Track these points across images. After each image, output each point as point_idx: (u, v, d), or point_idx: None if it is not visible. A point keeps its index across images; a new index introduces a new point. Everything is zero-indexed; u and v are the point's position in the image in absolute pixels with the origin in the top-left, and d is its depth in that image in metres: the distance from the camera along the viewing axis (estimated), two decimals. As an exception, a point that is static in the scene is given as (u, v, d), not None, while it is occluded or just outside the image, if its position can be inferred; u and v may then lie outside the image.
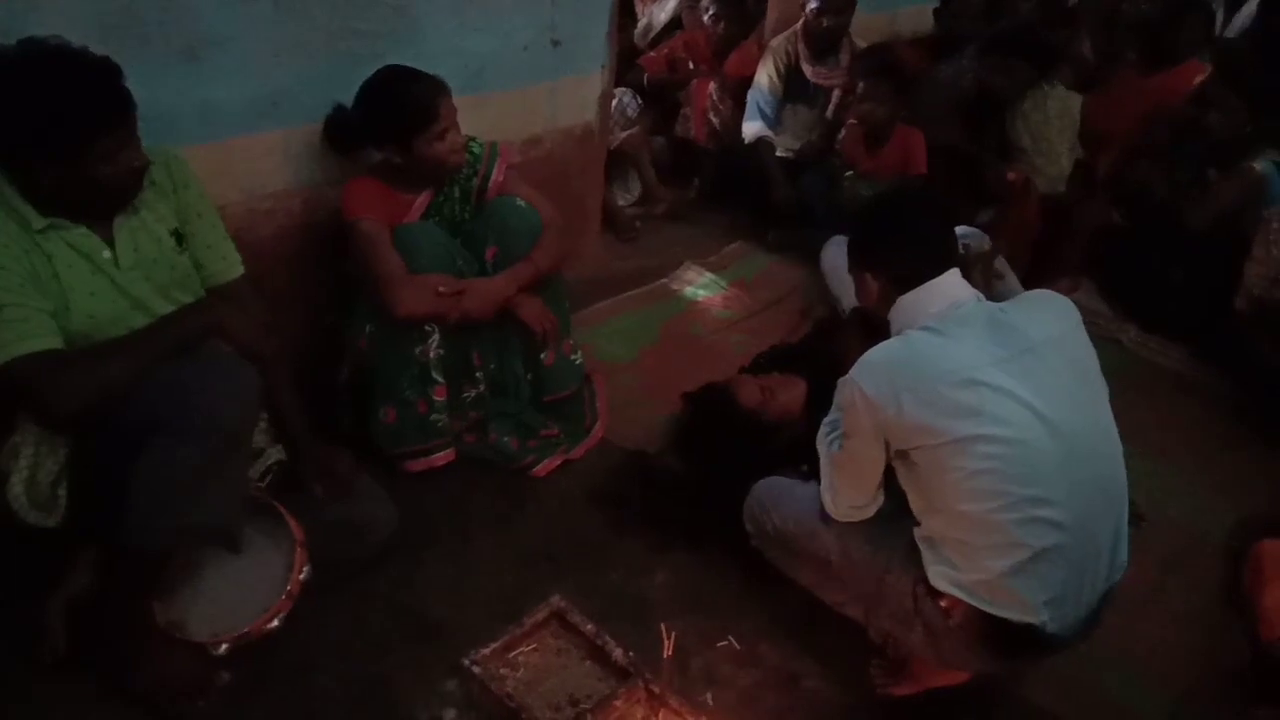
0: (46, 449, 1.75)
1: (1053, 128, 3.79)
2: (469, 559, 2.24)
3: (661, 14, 4.44)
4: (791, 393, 2.50)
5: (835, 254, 3.12)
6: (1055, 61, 3.86)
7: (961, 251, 3.04)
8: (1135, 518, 1.98)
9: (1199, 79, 3.80)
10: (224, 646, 1.79)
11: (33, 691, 1.81)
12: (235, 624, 1.81)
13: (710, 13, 4.14)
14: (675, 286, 3.52)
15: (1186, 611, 2.33)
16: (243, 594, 1.86)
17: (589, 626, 1.88)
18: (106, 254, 1.76)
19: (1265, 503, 2.70)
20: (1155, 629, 2.24)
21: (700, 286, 3.52)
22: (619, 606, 2.12)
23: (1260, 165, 3.33)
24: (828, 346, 2.98)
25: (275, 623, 1.83)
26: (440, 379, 2.37)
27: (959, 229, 3.03)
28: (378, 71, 2.28)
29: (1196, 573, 2.46)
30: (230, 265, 1.97)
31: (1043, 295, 1.93)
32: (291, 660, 1.91)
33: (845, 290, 2.78)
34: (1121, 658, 2.13)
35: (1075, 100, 3.83)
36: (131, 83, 1.67)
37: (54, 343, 1.66)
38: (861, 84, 3.54)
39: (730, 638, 2.09)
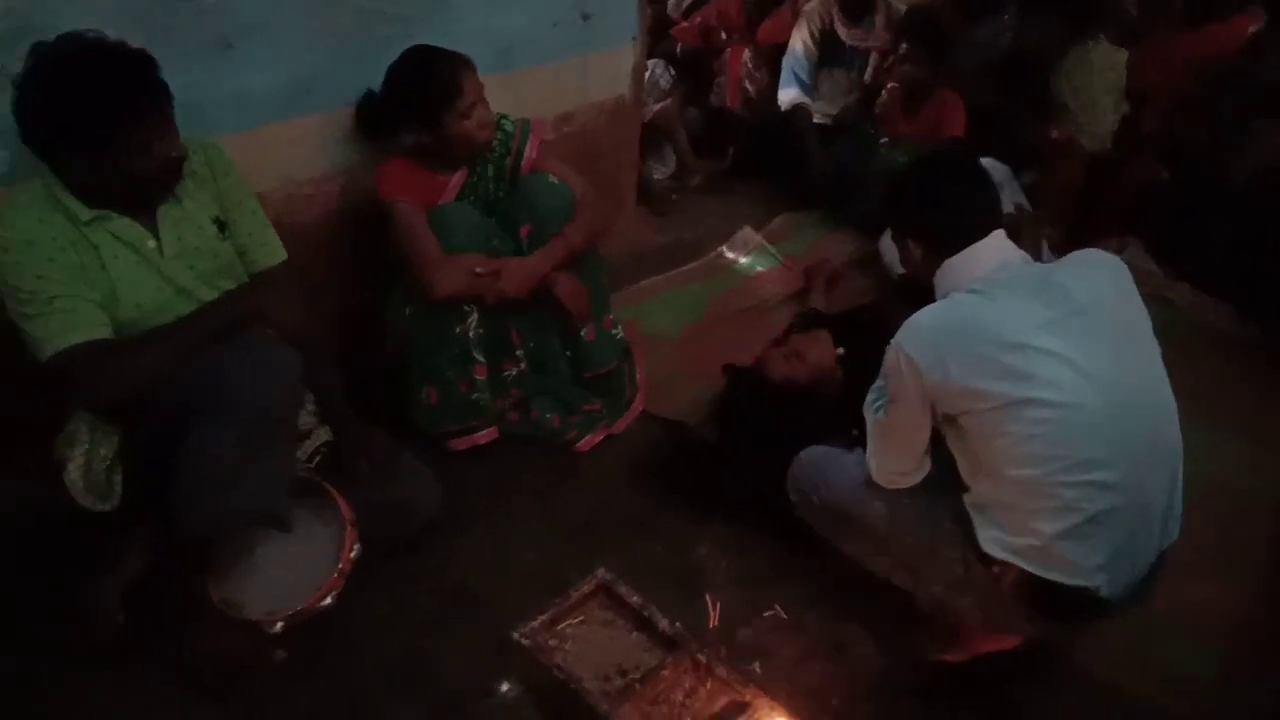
0: (101, 436, 1.79)
1: (1096, 85, 3.70)
2: (513, 534, 2.27)
3: (694, -17, 4.40)
4: (817, 349, 2.43)
5: None
6: (1097, 17, 3.75)
7: (1013, 212, 3.00)
8: None
9: (1252, 29, 3.68)
10: (279, 624, 1.82)
11: (93, 670, 1.86)
12: (289, 602, 1.84)
13: (743, -20, 4.10)
14: (730, 256, 3.50)
15: (1239, 572, 2.29)
16: (296, 573, 1.89)
17: (635, 598, 1.89)
18: (151, 244, 1.79)
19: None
20: (1207, 591, 2.20)
21: (755, 257, 3.49)
22: (664, 578, 2.13)
23: None
24: (865, 312, 2.95)
25: (328, 600, 1.86)
26: (481, 358, 2.39)
27: (995, 170, 2.98)
28: (403, 53, 2.29)
29: (1249, 533, 2.41)
30: (273, 251, 1.99)
31: (1092, 255, 1.89)
32: (342, 636, 1.95)
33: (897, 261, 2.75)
34: (1172, 620, 2.10)
35: (1120, 56, 3.73)
36: (166, 73, 1.69)
37: (102, 332, 1.70)
38: (904, 45, 3.48)
39: (776, 607, 2.09)
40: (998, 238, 1.83)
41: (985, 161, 3.02)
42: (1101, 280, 1.81)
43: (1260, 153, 3.34)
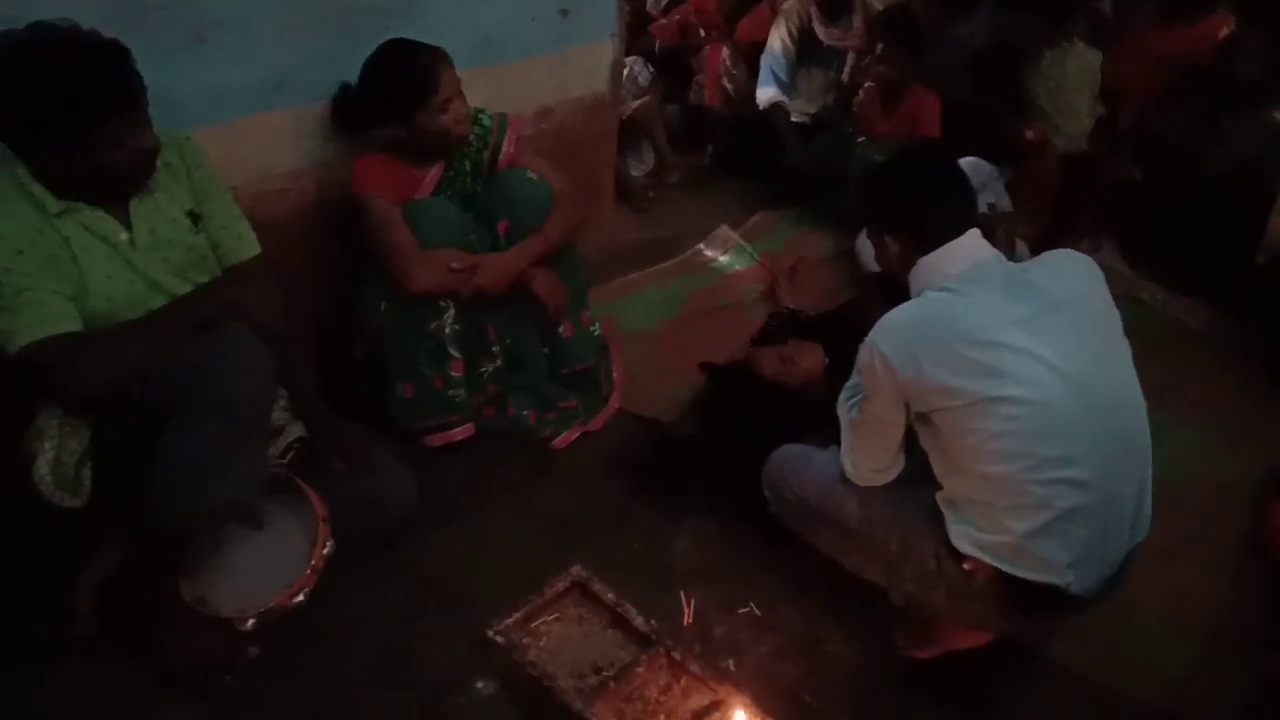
0: (70, 431, 1.77)
1: (1071, 86, 3.72)
2: (489, 530, 2.26)
3: (674, -20, 4.39)
4: (811, 358, 2.48)
5: None
6: (1072, 14, 3.78)
7: (986, 211, 3.03)
8: None
9: (1223, 33, 3.72)
10: (250, 622, 1.81)
11: (66, 670, 1.84)
12: (261, 600, 1.83)
13: (721, -22, 4.10)
14: (708, 254, 3.50)
15: (1210, 566, 2.32)
16: (268, 570, 1.87)
17: (610, 595, 1.89)
18: (123, 236, 1.77)
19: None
20: (1178, 584, 2.24)
21: (731, 256, 3.49)
22: (639, 575, 2.13)
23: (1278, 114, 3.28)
24: (847, 312, 2.98)
25: (300, 598, 1.85)
26: (456, 354, 2.38)
27: (979, 169, 3.00)
28: (379, 47, 2.27)
29: (1221, 527, 2.45)
30: (246, 245, 1.98)
31: (1064, 254, 1.91)
32: (318, 633, 1.94)
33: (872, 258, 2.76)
34: (1146, 612, 2.13)
35: (1094, 57, 3.76)
36: (139, 65, 1.67)
37: (73, 326, 1.68)
38: (879, 46, 3.51)
39: (751, 604, 2.10)
40: (973, 236, 1.84)
41: (970, 161, 3.05)
42: (1074, 279, 1.83)
43: (1235, 149, 3.39)
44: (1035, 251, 3.16)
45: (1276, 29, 3.55)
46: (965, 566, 1.77)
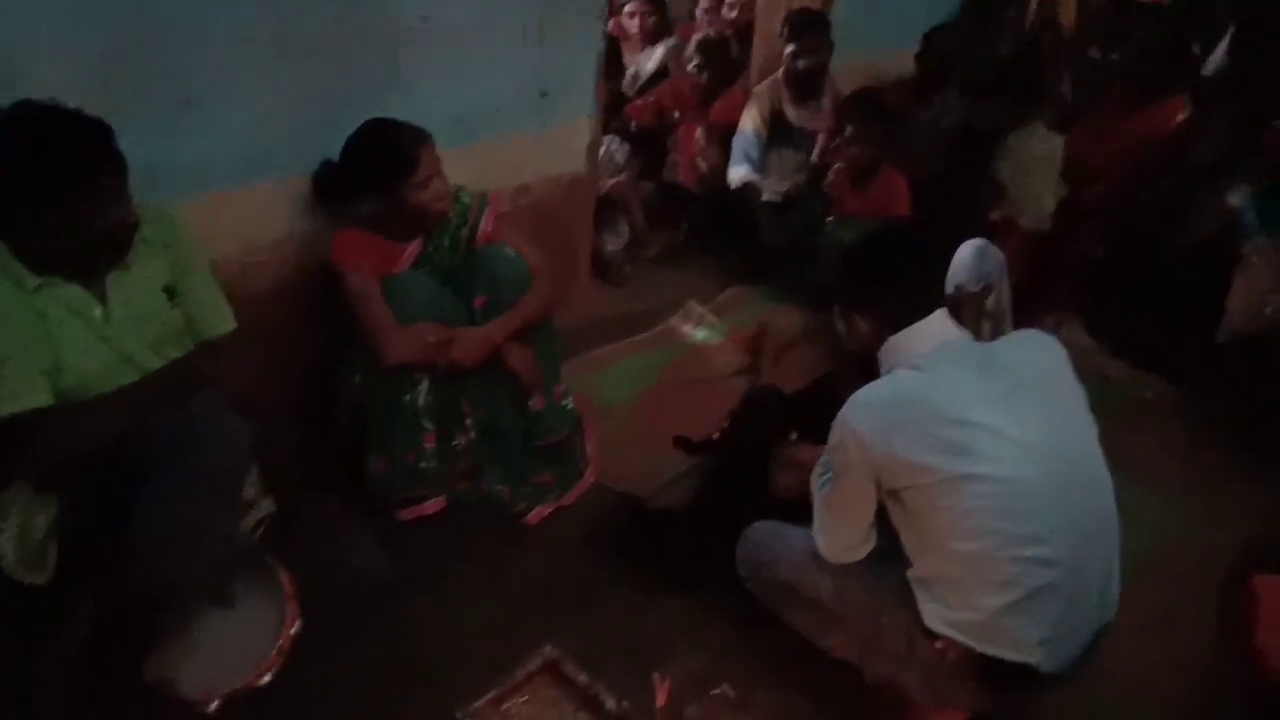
0: (37, 506, 1.75)
1: (1035, 169, 3.82)
2: (461, 606, 2.23)
3: (649, 63, 4.51)
4: None
5: None
6: (1037, 98, 3.91)
7: (953, 292, 3.07)
8: None
9: (1180, 117, 3.86)
10: (215, 704, 1.77)
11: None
12: (226, 680, 1.80)
13: (694, 63, 4.21)
14: (681, 330, 3.54)
15: (1185, 640, 2.33)
16: (234, 649, 1.85)
17: (582, 677, 1.87)
18: (98, 311, 1.78)
19: (1259, 528, 2.69)
20: (1155, 655, 2.24)
21: (705, 331, 3.53)
22: (612, 652, 2.11)
23: (1234, 198, 3.39)
24: (823, 385, 2.98)
25: (266, 678, 1.82)
26: (430, 426, 2.38)
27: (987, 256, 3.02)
28: (360, 125, 2.32)
29: (1193, 601, 2.45)
30: (222, 320, 1.99)
31: (1030, 334, 1.95)
32: (284, 713, 1.89)
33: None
34: (1120, 684, 2.13)
35: (1057, 141, 3.88)
36: (126, 137, 1.70)
37: (44, 399, 1.68)
38: (850, 127, 3.60)
39: (725, 684, 2.07)
40: (940, 316, 1.88)
41: (979, 245, 3.02)
42: (1039, 358, 1.87)
43: (1194, 231, 3.49)
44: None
45: (1233, 114, 3.69)
46: (937, 645, 1.77)
